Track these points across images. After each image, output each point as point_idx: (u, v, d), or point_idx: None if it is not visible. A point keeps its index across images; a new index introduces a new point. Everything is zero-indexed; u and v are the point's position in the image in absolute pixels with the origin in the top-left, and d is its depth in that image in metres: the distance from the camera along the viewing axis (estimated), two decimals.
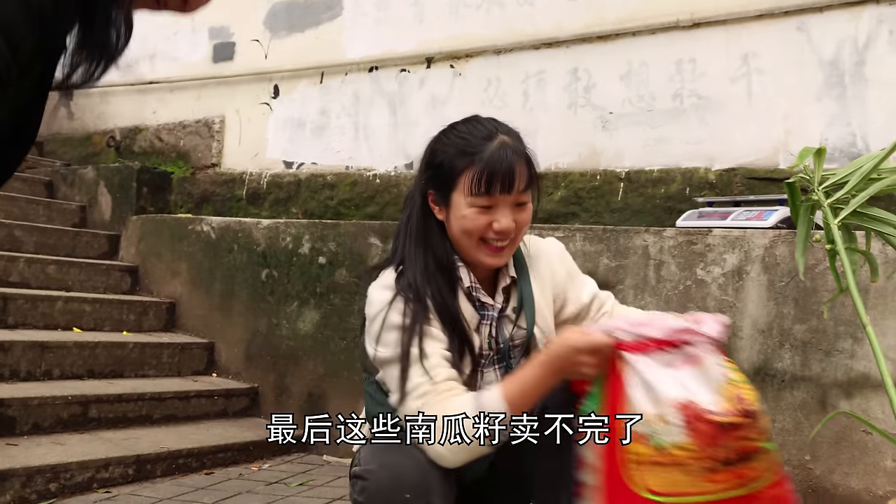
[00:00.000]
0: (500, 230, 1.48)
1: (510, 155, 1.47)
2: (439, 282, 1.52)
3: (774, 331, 2.51)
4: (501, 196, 1.47)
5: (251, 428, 3.49)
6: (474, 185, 1.46)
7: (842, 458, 2.37)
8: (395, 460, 1.44)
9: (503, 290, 1.59)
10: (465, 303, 1.56)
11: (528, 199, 1.51)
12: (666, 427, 1.28)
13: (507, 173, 1.45)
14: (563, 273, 1.66)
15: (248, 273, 3.83)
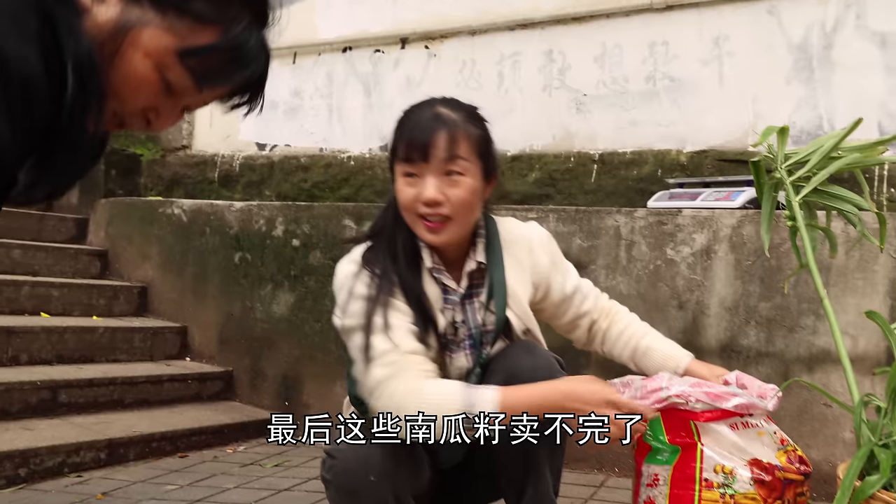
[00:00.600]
0: (424, 200, 1.43)
1: (433, 122, 1.44)
2: (403, 259, 1.52)
3: (741, 308, 2.55)
4: (424, 164, 1.43)
5: (226, 411, 3.48)
6: (399, 152, 1.47)
7: (803, 431, 2.42)
8: (364, 443, 1.44)
9: (471, 275, 1.55)
10: (430, 283, 1.54)
11: (462, 171, 1.44)
12: (736, 478, 1.45)
13: (425, 138, 1.42)
14: (545, 260, 1.63)
15: (220, 256, 3.81)
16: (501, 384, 1.44)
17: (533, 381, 1.43)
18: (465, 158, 1.44)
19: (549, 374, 1.46)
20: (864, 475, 1.15)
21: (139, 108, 0.99)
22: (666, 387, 1.53)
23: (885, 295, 2.35)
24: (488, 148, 1.52)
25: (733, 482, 1.46)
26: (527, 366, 1.47)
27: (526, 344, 1.56)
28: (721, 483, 1.46)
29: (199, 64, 0.97)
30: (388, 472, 1.42)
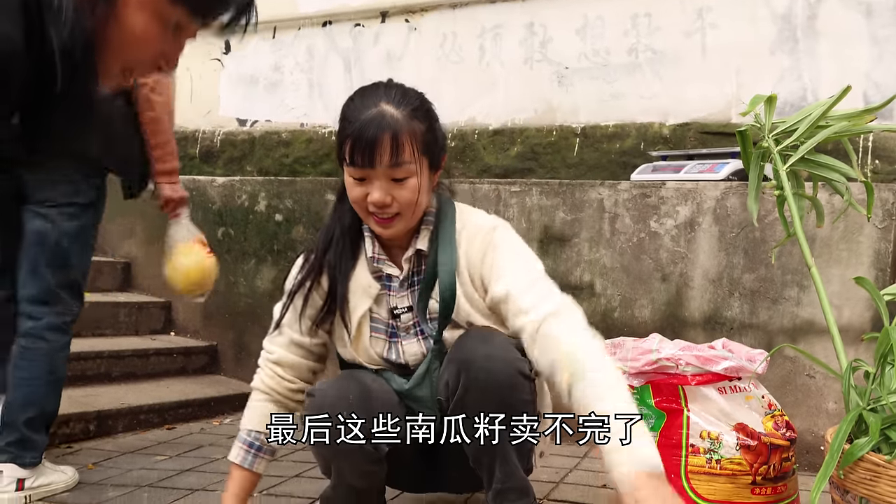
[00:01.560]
0: (373, 202, 1.46)
1: (378, 127, 1.41)
2: (341, 248, 1.58)
3: (724, 280, 2.58)
4: (370, 169, 1.44)
5: (211, 384, 3.49)
6: (345, 153, 1.46)
7: (786, 401, 2.46)
8: (342, 384, 1.55)
9: (412, 261, 1.58)
10: (365, 272, 1.59)
11: (409, 174, 1.45)
12: (722, 444, 1.50)
13: (369, 146, 1.41)
14: (477, 254, 1.54)
15: (203, 231, 3.74)
16: (454, 375, 1.46)
17: (487, 371, 1.41)
18: (410, 161, 1.45)
19: (504, 365, 1.44)
20: (851, 440, 1.18)
21: (149, 58, 1.02)
22: (656, 349, 1.56)
23: (869, 266, 2.38)
24: (434, 139, 1.51)
25: (719, 448, 1.49)
26: (480, 355, 1.45)
27: (482, 332, 1.52)
28: (707, 448, 1.49)
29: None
30: (363, 406, 1.48)
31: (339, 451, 1.51)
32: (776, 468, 1.51)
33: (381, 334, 1.62)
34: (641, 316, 2.70)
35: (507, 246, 1.53)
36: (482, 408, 1.43)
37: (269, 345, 1.69)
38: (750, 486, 1.48)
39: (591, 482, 2.27)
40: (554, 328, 1.38)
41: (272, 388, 1.65)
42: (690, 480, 1.48)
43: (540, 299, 1.43)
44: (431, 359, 1.58)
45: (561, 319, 1.39)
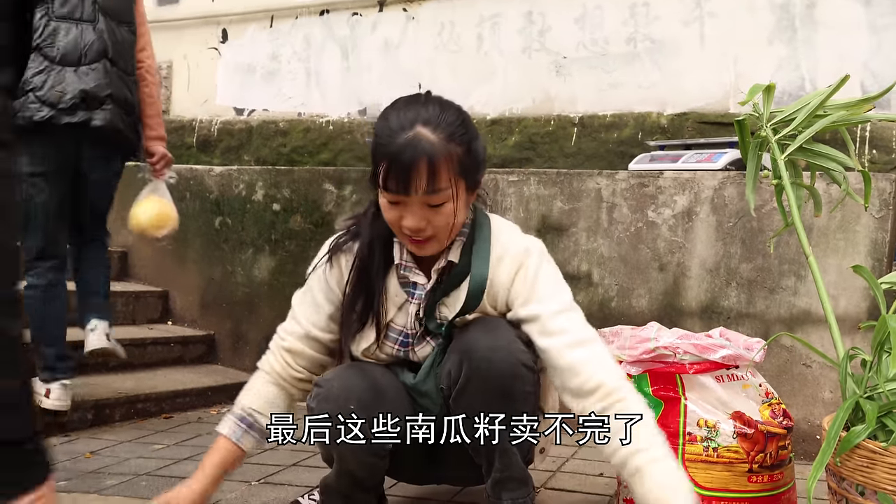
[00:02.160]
0: (409, 228, 1.43)
1: (413, 152, 1.37)
2: (374, 253, 1.55)
3: (722, 270, 2.59)
4: (405, 196, 1.40)
5: (208, 374, 3.49)
6: (380, 177, 1.42)
7: (783, 391, 2.47)
8: (351, 376, 1.54)
9: (440, 270, 1.55)
10: (393, 280, 1.57)
11: (445, 199, 1.41)
12: (719, 432, 1.50)
13: (405, 173, 1.37)
14: (505, 275, 1.51)
15: (201, 221, 3.77)
16: (456, 365, 1.47)
17: (489, 361, 1.42)
18: (447, 187, 1.41)
19: (507, 355, 1.44)
20: (848, 427, 1.18)
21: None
22: (654, 338, 1.56)
23: (866, 255, 2.39)
24: (472, 161, 1.46)
25: (716, 436, 1.49)
26: (483, 345, 1.45)
27: (486, 322, 1.51)
28: (704, 437, 1.50)
29: None
30: (367, 402, 1.48)
31: (344, 444, 1.51)
32: (773, 456, 1.52)
33: (395, 343, 1.60)
34: (639, 305, 2.71)
35: (541, 273, 1.51)
36: (483, 397, 1.44)
37: (284, 332, 1.63)
38: (747, 475, 1.49)
39: (589, 471, 2.28)
40: (586, 354, 1.41)
41: (279, 373, 1.62)
42: (688, 469, 1.49)
43: (572, 325, 1.45)
44: (437, 353, 1.57)
45: (592, 349, 1.42)
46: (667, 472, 1.28)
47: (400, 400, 1.57)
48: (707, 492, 1.48)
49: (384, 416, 1.50)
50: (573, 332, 1.44)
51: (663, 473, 1.28)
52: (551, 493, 2.05)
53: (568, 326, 1.44)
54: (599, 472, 2.25)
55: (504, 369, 1.43)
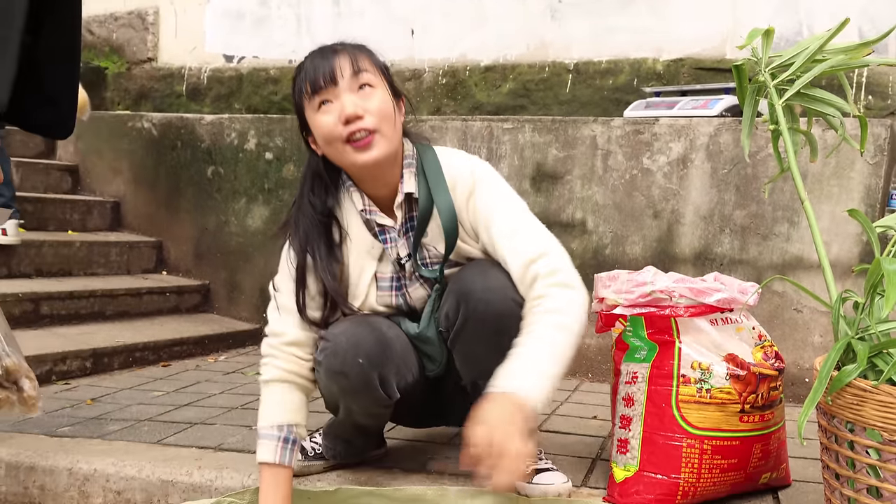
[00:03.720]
0: (345, 116, 1.43)
1: (330, 52, 1.47)
2: (318, 233, 1.54)
3: (716, 216, 2.60)
4: (333, 87, 1.44)
5: (205, 323, 3.51)
6: (307, 90, 1.46)
7: (773, 335, 2.51)
8: (358, 330, 1.53)
9: (402, 206, 1.56)
10: (363, 233, 1.57)
11: (372, 84, 1.47)
12: (712, 374, 1.51)
13: (328, 64, 1.45)
14: (462, 200, 1.53)
15: (193, 170, 3.75)
16: (453, 307, 1.49)
17: (486, 302, 1.44)
18: (370, 71, 1.48)
19: (502, 296, 1.45)
20: (839, 367, 1.21)
21: None
22: (651, 281, 1.57)
23: (859, 201, 2.40)
24: (387, 72, 1.53)
25: (710, 378, 1.52)
26: (479, 286, 1.47)
27: (480, 264, 1.53)
28: (698, 379, 1.52)
29: None
30: (375, 357, 1.50)
31: (352, 395, 1.54)
32: (764, 397, 1.55)
33: (387, 290, 1.61)
34: (633, 253, 2.73)
35: (486, 190, 1.52)
36: (480, 336, 1.46)
37: (279, 329, 1.57)
38: (738, 415, 1.52)
39: (583, 414, 2.33)
40: (533, 281, 1.43)
41: (295, 372, 1.56)
42: (681, 409, 1.52)
43: (524, 245, 1.46)
44: (435, 298, 1.59)
45: (537, 273, 1.42)
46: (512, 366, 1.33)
47: (406, 352, 1.58)
48: (700, 431, 1.51)
49: (391, 369, 1.53)
50: (523, 255, 1.45)
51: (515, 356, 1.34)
52: (546, 434, 2.10)
53: (519, 248, 1.46)
54: (593, 415, 2.30)
55: (501, 309, 1.45)
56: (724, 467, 1.54)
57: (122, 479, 1.83)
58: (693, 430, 1.52)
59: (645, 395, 1.56)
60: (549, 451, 1.93)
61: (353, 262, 1.60)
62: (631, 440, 1.58)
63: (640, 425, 1.57)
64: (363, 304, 1.60)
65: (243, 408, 2.39)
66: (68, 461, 1.90)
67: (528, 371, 1.32)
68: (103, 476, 1.85)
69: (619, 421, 1.62)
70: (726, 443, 1.53)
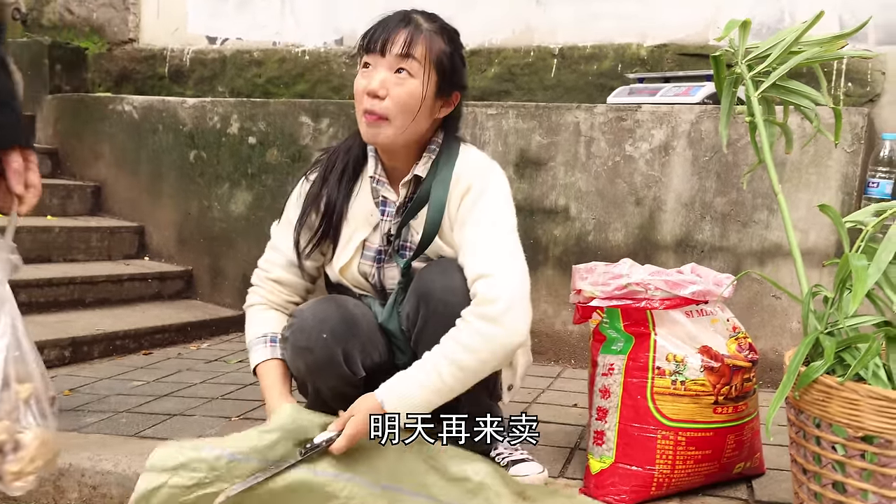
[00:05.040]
0: (369, 90, 1.47)
1: (400, 20, 1.49)
2: (343, 169, 1.61)
3: (697, 204, 2.61)
4: (379, 56, 1.48)
5: (187, 309, 3.49)
6: (361, 43, 1.51)
7: (752, 321, 2.53)
8: (325, 307, 1.57)
9: (407, 185, 1.60)
10: (367, 199, 1.62)
11: (412, 73, 1.47)
12: (687, 366, 1.52)
13: (386, 32, 1.47)
14: (457, 195, 1.55)
15: (175, 154, 3.72)
16: (414, 307, 1.52)
17: (445, 303, 1.46)
18: (419, 61, 1.47)
19: (462, 298, 1.46)
20: (809, 362, 1.22)
21: None
22: (627, 274, 1.58)
23: (837, 190, 2.41)
24: (451, 65, 1.52)
25: (684, 370, 1.53)
26: (439, 287, 1.49)
27: (442, 263, 1.55)
28: (672, 371, 1.53)
29: None
30: (340, 333, 1.53)
31: (318, 372, 1.56)
32: (738, 388, 1.56)
33: (370, 260, 1.64)
34: (615, 239, 2.73)
35: (479, 194, 1.53)
36: (441, 336, 1.46)
37: (267, 264, 1.70)
38: (712, 406, 1.53)
39: (564, 402, 2.34)
40: (473, 297, 1.45)
41: (273, 301, 1.68)
42: (656, 401, 1.53)
43: (479, 260, 1.47)
44: (398, 291, 1.61)
45: (476, 293, 1.44)
46: (405, 374, 1.44)
47: (372, 331, 1.61)
48: (674, 423, 1.53)
49: (356, 346, 1.55)
50: (481, 263, 1.46)
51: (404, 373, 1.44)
52: None
53: (480, 254, 1.47)
54: (573, 403, 2.32)
55: (459, 311, 1.45)
56: (698, 458, 1.55)
57: (97, 474, 1.81)
58: (667, 421, 1.53)
59: (621, 388, 1.57)
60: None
61: (350, 221, 1.63)
62: (607, 432, 1.59)
63: (615, 417, 1.58)
64: (346, 266, 1.64)
65: (223, 398, 2.39)
66: None
67: (411, 394, 1.41)
68: (78, 471, 1.82)
69: (595, 412, 1.63)
70: (700, 434, 1.54)
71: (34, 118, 4.17)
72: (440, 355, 1.42)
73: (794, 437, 1.25)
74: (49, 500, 1.84)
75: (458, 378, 1.41)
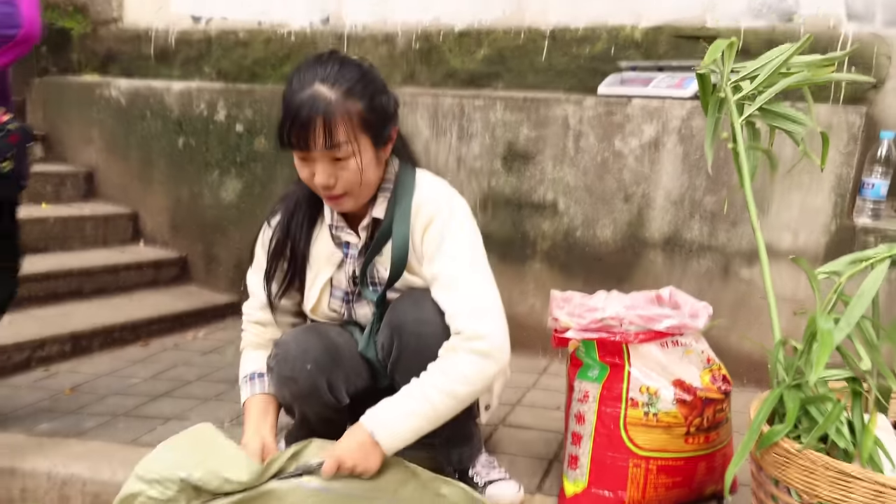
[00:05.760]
0: (319, 184, 1.47)
1: (309, 110, 1.40)
2: (305, 212, 1.63)
3: (686, 202, 2.58)
4: (307, 152, 1.44)
5: (183, 297, 3.52)
6: (284, 135, 1.46)
7: (739, 320, 2.53)
8: (307, 337, 1.61)
9: (367, 228, 1.61)
10: (327, 241, 1.64)
11: (347, 155, 1.44)
12: (660, 398, 1.54)
13: (303, 130, 1.41)
14: (419, 230, 1.56)
15: (164, 141, 3.69)
16: (388, 339, 1.55)
17: (418, 335, 1.50)
18: (347, 141, 1.43)
19: (434, 328, 1.49)
20: (775, 414, 1.22)
21: None
22: (602, 307, 1.58)
23: (830, 191, 2.38)
24: (376, 116, 1.48)
25: (657, 402, 1.54)
26: (411, 319, 1.52)
27: (414, 295, 1.56)
28: (645, 402, 1.54)
29: None
30: (323, 363, 1.57)
31: (302, 399, 1.60)
32: (709, 419, 1.57)
33: (339, 300, 1.67)
34: (603, 236, 2.71)
35: (443, 227, 1.53)
36: (414, 367, 1.49)
37: (248, 308, 1.76)
38: (684, 437, 1.55)
39: (547, 403, 2.37)
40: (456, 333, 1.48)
41: (258, 342, 1.75)
42: (628, 431, 1.55)
43: (459, 299, 1.49)
44: (374, 321, 1.63)
45: (461, 330, 1.46)
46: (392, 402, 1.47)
47: (355, 359, 1.65)
48: (646, 452, 1.55)
49: (340, 375, 1.59)
50: (460, 300, 1.49)
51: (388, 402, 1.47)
52: (507, 430, 2.14)
53: (457, 291, 1.49)
54: (556, 406, 2.34)
55: (431, 342, 1.49)
56: (669, 485, 1.58)
57: (97, 483, 1.91)
58: (639, 450, 1.55)
59: (595, 416, 1.59)
60: (508, 451, 1.98)
61: (312, 264, 1.66)
62: (581, 457, 1.61)
63: (589, 444, 1.60)
64: (315, 307, 1.68)
65: (217, 399, 2.44)
66: (47, 465, 1.98)
67: (398, 422, 1.44)
68: (80, 480, 1.93)
69: (570, 437, 1.65)
70: (672, 463, 1.57)
71: (24, 102, 4.13)
72: (430, 385, 1.45)
73: (754, 488, 1.27)
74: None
75: (448, 406, 1.45)
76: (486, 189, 2.88)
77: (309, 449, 1.50)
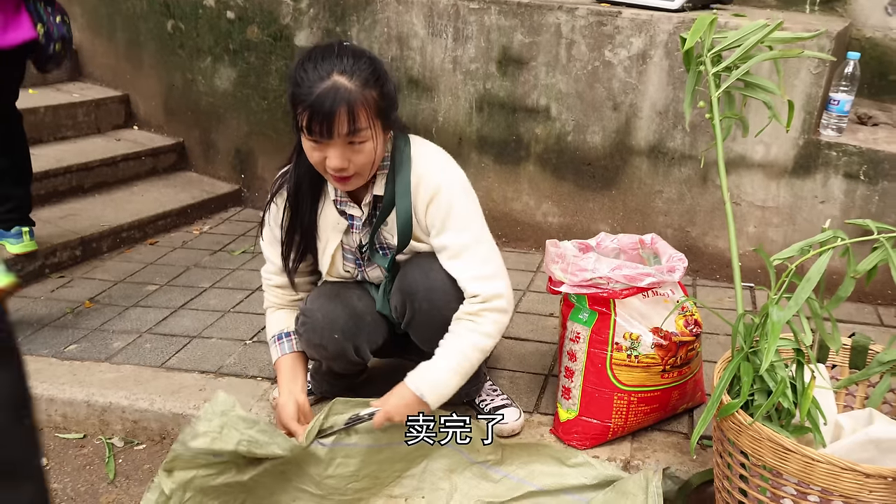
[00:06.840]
0: (333, 168, 1.56)
1: (333, 101, 1.48)
2: (308, 190, 1.73)
3: (670, 113, 2.70)
4: (328, 139, 1.52)
5: (184, 187, 3.64)
6: (301, 122, 1.53)
7: (714, 224, 2.75)
8: (333, 307, 1.79)
9: (369, 204, 1.73)
10: (332, 211, 1.76)
11: (365, 139, 1.54)
12: (640, 343, 1.78)
13: (327, 119, 1.49)
14: (422, 205, 1.68)
15: (152, 23, 3.64)
16: (401, 303, 1.74)
17: (430, 301, 1.69)
18: (367, 127, 1.53)
19: (443, 294, 1.67)
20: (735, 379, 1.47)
21: None
22: (592, 269, 1.79)
23: (799, 109, 2.51)
24: (386, 103, 1.57)
25: (638, 346, 1.79)
26: (422, 287, 1.69)
27: (422, 263, 1.72)
28: (628, 346, 1.79)
29: None
30: (349, 331, 1.78)
31: (331, 360, 1.83)
32: (682, 358, 1.83)
33: (351, 263, 1.83)
34: (592, 141, 2.85)
35: (446, 201, 1.66)
36: (427, 329, 1.72)
37: (266, 273, 1.89)
38: (660, 373, 1.82)
39: (540, 309, 2.61)
40: (473, 297, 1.66)
41: (279, 303, 1.90)
42: (614, 370, 1.80)
43: (469, 265, 1.67)
44: (386, 282, 1.81)
45: (478, 293, 1.65)
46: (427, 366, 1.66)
47: (376, 321, 1.84)
48: (628, 387, 1.82)
49: (364, 338, 1.80)
50: (471, 267, 1.67)
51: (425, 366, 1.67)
52: (506, 343, 2.36)
53: (468, 259, 1.67)
54: (549, 313, 2.59)
55: (442, 307, 1.68)
56: (647, 411, 1.87)
57: (136, 412, 2.09)
58: (623, 386, 1.82)
59: (585, 356, 1.84)
60: (507, 367, 2.23)
61: (321, 234, 1.80)
62: (573, 389, 1.88)
63: (580, 379, 1.86)
64: (330, 270, 1.84)
65: (234, 311, 2.62)
66: (84, 394, 2.12)
67: (438, 379, 1.64)
68: (119, 408, 2.10)
69: (563, 371, 1.91)
70: (650, 394, 1.84)
71: None
72: (467, 345, 1.65)
73: (716, 438, 1.55)
74: (96, 430, 2.14)
75: (479, 360, 1.69)
76: (483, 91, 2.96)
77: (335, 407, 1.70)
